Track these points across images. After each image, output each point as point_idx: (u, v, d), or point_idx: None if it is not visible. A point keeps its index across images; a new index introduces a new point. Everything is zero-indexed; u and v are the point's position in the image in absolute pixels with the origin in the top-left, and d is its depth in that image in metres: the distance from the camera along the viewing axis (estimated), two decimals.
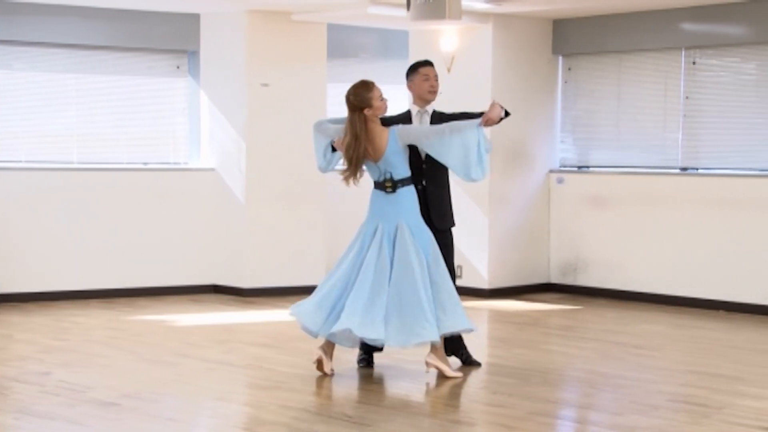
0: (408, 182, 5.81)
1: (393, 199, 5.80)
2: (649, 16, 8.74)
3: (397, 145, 5.74)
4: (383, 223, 5.82)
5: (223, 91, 9.06)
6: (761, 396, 5.49)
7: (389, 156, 5.75)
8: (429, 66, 6.06)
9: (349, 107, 5.75)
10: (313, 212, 9.15)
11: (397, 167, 5.77)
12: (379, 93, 5.74)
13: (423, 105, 6.05)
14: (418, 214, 5.84)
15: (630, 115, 9.05)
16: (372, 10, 8.19)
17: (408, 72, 6.10)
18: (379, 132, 5.76)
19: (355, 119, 5.71)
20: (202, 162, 9.26)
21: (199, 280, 9.14)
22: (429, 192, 5.95)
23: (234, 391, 5.74)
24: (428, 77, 6.00)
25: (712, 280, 8.47)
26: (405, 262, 5.71)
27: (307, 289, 9.19)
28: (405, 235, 5.75)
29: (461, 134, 5.62)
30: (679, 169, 8.76)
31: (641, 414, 5.19)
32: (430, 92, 6.00)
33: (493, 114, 5.67)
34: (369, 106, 5.71)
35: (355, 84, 5.78)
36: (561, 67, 9.42)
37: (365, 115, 5.72)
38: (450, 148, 5.64)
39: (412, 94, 6.07)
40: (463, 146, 5.61)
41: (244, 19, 8.82)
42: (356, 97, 5.72)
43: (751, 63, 8.43)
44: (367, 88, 5.74)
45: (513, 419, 5.10)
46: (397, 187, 5.78)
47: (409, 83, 6.06)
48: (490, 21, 8.91)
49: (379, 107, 5.74)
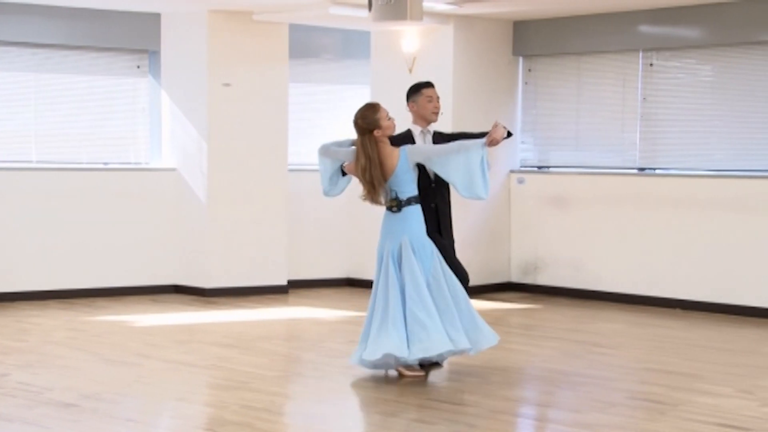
0: (414, 201, 5.86)
1: (398, 218, 5.86)
2: (607, 18, 8.85)
3: (408, 164, 5.80)
4: (389, 242, 5.89)
5: (184, 90, 9.02)
6: (717, 393, 5.58)
7: (399, 175, 5.80)
8: (431, 87, 6.16)
9: (358, 131, 5.79)
10: (276, 212, 9.14)
11: (404, 187, 5.83)
12: (385, 113, 5.80)
13: (426, 125, 6.14)
14: (421, 232, 5.87)
15: (589, 116, 9.16)
16: (334, 10, 8.20)
17: (410, 93, 6.17)
18: (389, 152, 5.81)
19: (366, 142, 5.76)
20: (163, 162, 9.21)
21: (160, 280, 9.10)
22: (440, 210, 6.07)
23: (195, 392, 5.72)
24: (432, 98, 6.10)
25: (669, 279, 8.59)
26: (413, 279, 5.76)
27: (269, 289, 9.24)
28: (408, 251, 5.79)
29: (467, 154, 5.71)
30: (637, 169, 8.88)
31: (600, 411, 5.26)
32: (433, 113, 6.11)
33: (497, 134, 5.79)
34: (378, 127, 5.75)
35: (361, 107, 5.83)
36: (521, 69, 9.50)
37: (375, 137, 5.77)
38: (456, 167, 5.71)
39: (414, 114, 6.14)
40: (468, 165, 5.69)
41: (205, 18, 8.79)
42: (364, 120, 5.76)
43: (707, 65, 8.56)
44: (374, 109, 5.79)
45: (474, 417, 5.14)
46: (402, 207, 5.84)
47: (411, 104, 6.13)
48: (451, 22, 8.96)
49: (388, 127, 5.80)
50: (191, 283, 9.04)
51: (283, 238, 9.18)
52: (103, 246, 8.87)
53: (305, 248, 9.56)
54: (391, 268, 5.80)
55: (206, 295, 8.89)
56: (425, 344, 5.66)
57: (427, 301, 5.72)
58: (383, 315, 5.77)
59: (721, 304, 8.30)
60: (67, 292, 8.73)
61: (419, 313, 5.69)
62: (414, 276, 5.75)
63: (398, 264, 5.81)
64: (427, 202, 5.95)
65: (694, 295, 8.44)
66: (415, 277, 5.75)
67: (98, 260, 8.86)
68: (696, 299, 8.43)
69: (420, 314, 5.69)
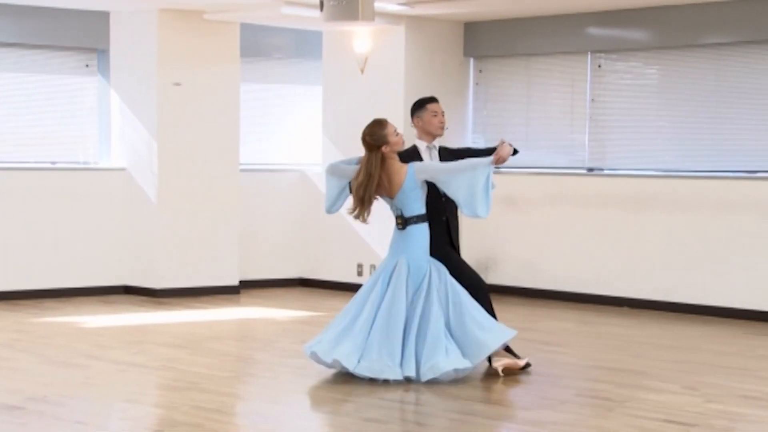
0: (420, 220, 5.86)
1: (402, 235, 5.88)
2: (556, 20, 8.94)
3: (415, 181, 5.81)
4: (390, 257, 5.92)
5: (134, 90, 8.94)
6: (663, 389, 5.67)
7: (405, 192, 5.80)
8: (436, 102, 6.18)
9: (366, 147, 5.79)
10: (227, 212, 9.10)
11: (410, 204, 5.83)
12: (393, 129, 5.81)
13: (431, 140, 6.16)
14: (420, 253, 5.86)
15: (539, 116, 9.25)
16: (285, 10, 8.19)
17: (414, 108, 6.18)
18: (397, 168, 5.81)
19: (371, 158, 5.76)
20: (113, 162, 9.12)
21: (110, 281, 9.01)
22: (451, 224, 6.10)
23: (145, 393, 5.68)
24: (437, 113, 6.12)
25: (617, 278, 8.71)
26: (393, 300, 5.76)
27: (220, 289, 9.19)
28: (401, 272, 5.80)
29: (473, 172, 5.74)
30: (586, 169, 8.98)
31: (550, 409, 5.32)
32: (439, 127, 6.12)
33: (504, 153, 5.84)
34: (386, 143, 5.76)
35: (369, 124, 5.83)
36: (472, 69, 9.56)
37: (383, 153, 5.77)
38: (460, 185, 5.74)
39: (419, 129, 6.14)
40: (472, 184, 5.72)
41: (154, 17, 8.72)
42: (372, 137, 5.77)
43: (653, 67, 8.70)
44: (381, 125, 5.80)
45: (425, 416, 5.17)
46: (407, 224, 5.84)
47: (416, 119, 6.14)
48: (402, 23, 8.99)
49: (396, 143, 5.80)
50: (141, 284, 8.96)
51: (234, 238, 9.14)
52: (51, 246, 8.75)
53: (257, 248, 9.53)
54: (379, 283, 5.82)
55: (157, 296, 8.82)
56: (373, 365, 5.67)
57: (396, 325, 5.70)
58: (351, 322, 5.79)
59: (667, 302, 8.43)
60: (14, 294, 8.60)
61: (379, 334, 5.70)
62: (395, 297, 5.75)
63: (388, 281, 5.82)
64: (438, 216, 5.98)
65: (642, 294, 8.57)
66: (396, 298, 5.74)
67: (46, 261, 8.74)
68: (643, 298, 8.56)
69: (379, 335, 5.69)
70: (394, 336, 5.71)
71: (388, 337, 5.71)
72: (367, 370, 5.68)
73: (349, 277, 9.50)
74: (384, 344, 5.70)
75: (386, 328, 5.73)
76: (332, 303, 8.83)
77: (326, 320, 7.96)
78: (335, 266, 9.59)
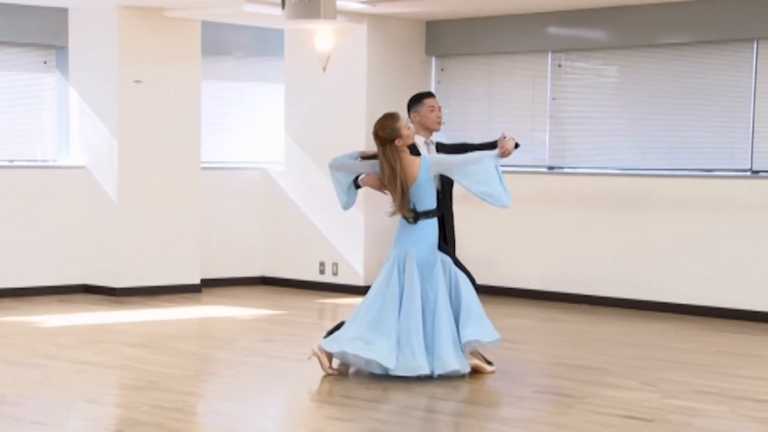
0: (431, 215, 5.86)
1: (412, 229, 5.85)
2: (517, 19, 9.00)
3: (429, 174, 5.79)
4: (397, 249, 5.89)
5: (93, 87, 8.86)
6: (621, 385, 5.74)
7: (420, 186, 5.78)
8: (433, 97, 6.21)
9: (378, 142, 5.75)
10: (188, 210, 9.05)
11: (424, 198, 5.81)
12: (405, 122, 5.79)
13: (428, 135, 6.17)
14: (430, 248, 5.87)
15: (500, 115, 9.30)
16: (247, 8, 8.16)
17: (411, 103, 6.19)
18: (410, 162, 5.79)
19: (388, 152, 5.72)
20: (72, 160, 9.03)
21: (69, 280, 8.92)
22: (446, 220, 6.12)
23: (105, 393, 5.63)
24: (434, 108, 6.14)
25: (577, 276, 8.79)
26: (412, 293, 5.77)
27: (181, 288, 9.14)
28: (412, 264, 5.80)
29: (483, 165, 5.76)
30: (547, 168, 9.05)
31: (511, 405, 5.36)
32: (437, 122, 6.15)
33: (509, 146, 5.88)
34: (399, 136, 5.72)
35: (380, 118, 5.79)
36: (434, 68, 9.59)
37: (396, 147, 5.74)
38: (477, 177, 5.75)
39: (416, 124, 6.14)
40: (488, 176, 5.75)
41: (114, 14, 8.64)
42: (385, 131, 5.73)
43: (612, 66, 8.79)
44: (394, 119, 5.76)
45: (387, 414, 5.19)
46: (419, 218, 5.83)
47: (413, 114, 6.15)
48: (364, 21, 9.00)
49: (408, 136, 5.77)
50: (101, 283, 8.89)
51: (195, 236, 9.10)
52: (9, 245, 8.65)
53: (219, 247, 9.49)
54: (394, 276, 5.80)
55: (117, 295, 8.75)
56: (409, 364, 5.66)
57: (417, 321, 5.72)
58: (376, 319, 5.75)
59: (626, 299, 8.53)
60: None
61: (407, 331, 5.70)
62: (413, 291, 5.75)
63: (402, 274, 5.81)
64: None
65: (602, 291, 8.66)
66: (414, 293, 5.75)
67: (4, 260, 8.64)
68: (602, 295, 8.65)
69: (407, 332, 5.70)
70: (417, 332, 5.72)
71: (414, 334, 5.71)
72: (404, 369, 5.67)
73: (312, 276, 9.49)
74: (413, 341, 5.70)
75: (409, 324, 5.72)
76: (294, 301, 8.82)
77: (288, 319, 7.98)
78: (297, 265, 9.58)
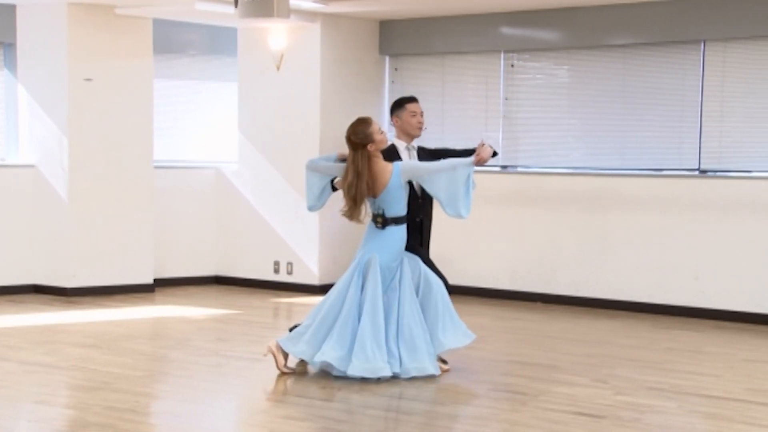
0: (399, 221, 5.85)
1: (379, 234, 5.85)
2: (470, 19, 9.06)
3: (399, 180, 5.78)
4: (363, 252, 5.88)
5: (43, 85, 8.75)
6: (574, 383, 5.81)
7: (390, 191, 5.77)
8: (415, 102, 6.19)
9: (350, 146, 5.74)
10: (141, 209, 8.97)
11: (393, 204, 5.81)
12: (377, 127, 5.78)
13: (410, 141, 6.17)
14: (396, 254, 5.86)
15: (454, 114, 9.35)
16: (199, 6, 8.11)
17: (393, 107, 6.19)
18: (382, 167, 5.78)
19: (357, 157, 5.72)
20: (21, 158, 8.91)
21: (19, 280, 8.80)
22: (424, 225, 6.13)
23: (55, 394, 5.57)
24: (415, 113, 6.13)
25: (530, 274, 8.87)
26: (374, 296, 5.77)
27: (134, 287, 9.06)
28: (375, 269, 5.79)
29: (454, 172, 5.75)
30: (500, 167, 9.13)
31: (464, 403, 5.41)
32: (417, 128, 6.14)
33: (485, 154, 5.86)
34: (371, 141, 5.72)
35: (353, 123, 5.78)
36: (388, 67, 9.62)
37: (368, 152, 5.74)
38: (443, 185, 5.75)
39: (398, 129, 6.15)
40: (453, 184, 5.73)
41: (63, 11, 8.54)
42: (357, 135, 5.72)
43: (563, 67, 8.88)
44: (366, 123, 5.75)
45: (342, 413, 5.20)
46: (387, 224, 5.83)
47: (395, 118, 6.15)
48: (318, 20, 9.00)
49: (381, 141, 5.78)
50: (52, 283, 8.78)
51: (148, 235, 9.02)
52: None
53: (172, 246, 9.42)
54: (355, 278, 5.81)
55: (68, 295, 8.65)
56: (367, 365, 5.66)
57: (379, 322, 5.73)
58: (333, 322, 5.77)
59: (578, 297, 8.63)
60: None
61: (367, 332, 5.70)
62: (375, 293, 5.76)
63: (363, 277, 5.81)
64: (413, 217, 6.00)
65: (554, 290, 8.76)
66: (376, 295, 5.76)
67: None
68: (555, 293, 8.75)
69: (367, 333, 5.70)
70: (379, 333, 5.73)
71: (376, 335, 5.73)
72: (361, 370, 5.67)
73: (266, 275, 9.47)
74: (373, 342, 5.71)
75: (372, 326, 5.73)
76: (248, 301, 8.79)
77: (242, 318, 7.96)
78: (251, 264, 9.55)
